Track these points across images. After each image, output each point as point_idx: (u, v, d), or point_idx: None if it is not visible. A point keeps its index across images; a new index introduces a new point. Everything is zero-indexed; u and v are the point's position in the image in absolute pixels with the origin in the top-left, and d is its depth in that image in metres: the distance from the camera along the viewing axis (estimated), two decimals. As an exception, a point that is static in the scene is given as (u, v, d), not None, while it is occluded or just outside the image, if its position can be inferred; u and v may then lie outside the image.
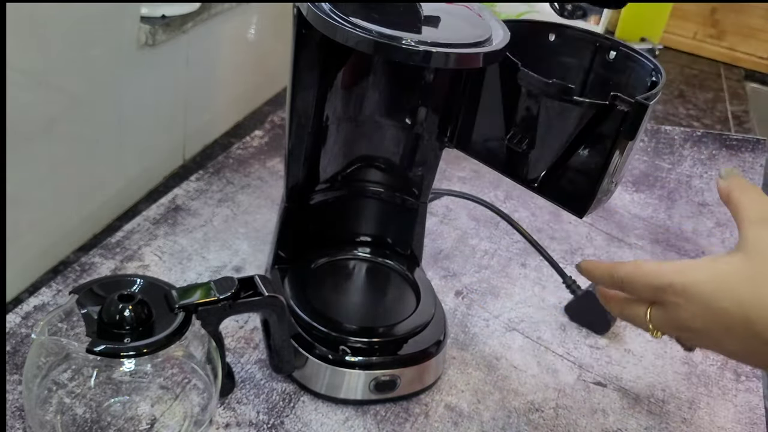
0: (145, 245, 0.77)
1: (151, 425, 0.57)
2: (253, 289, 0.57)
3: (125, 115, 0.78)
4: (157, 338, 0.51)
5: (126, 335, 0.51)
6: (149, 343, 0.51)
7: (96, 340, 0.50)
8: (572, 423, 0.66)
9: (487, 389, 0.68)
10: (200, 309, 0.54)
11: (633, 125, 0.51)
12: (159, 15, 0.78)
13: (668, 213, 1.02)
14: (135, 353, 0.50)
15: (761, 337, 0.42)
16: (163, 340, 0.51)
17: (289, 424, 0.61)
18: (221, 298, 0.55)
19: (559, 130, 0.55)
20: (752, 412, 0.70)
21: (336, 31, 0.50)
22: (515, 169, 0.60)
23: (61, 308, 0.53)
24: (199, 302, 0.54)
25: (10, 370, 0.60)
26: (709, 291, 0.43)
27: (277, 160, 0.97)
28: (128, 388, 0.59)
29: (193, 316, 0.54)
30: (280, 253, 0.70)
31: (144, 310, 0.52)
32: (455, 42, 0.51)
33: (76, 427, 0.56)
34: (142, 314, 0.52)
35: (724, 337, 0.44)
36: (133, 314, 0.51)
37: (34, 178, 0.67)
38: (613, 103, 0.51)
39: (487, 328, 0.75)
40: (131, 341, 0.51)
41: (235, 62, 0.99)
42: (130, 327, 0.51)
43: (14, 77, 0.59)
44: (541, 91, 0.54)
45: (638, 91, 0.54)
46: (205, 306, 0.54)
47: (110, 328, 0.51)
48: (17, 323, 0.65)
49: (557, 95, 0.53)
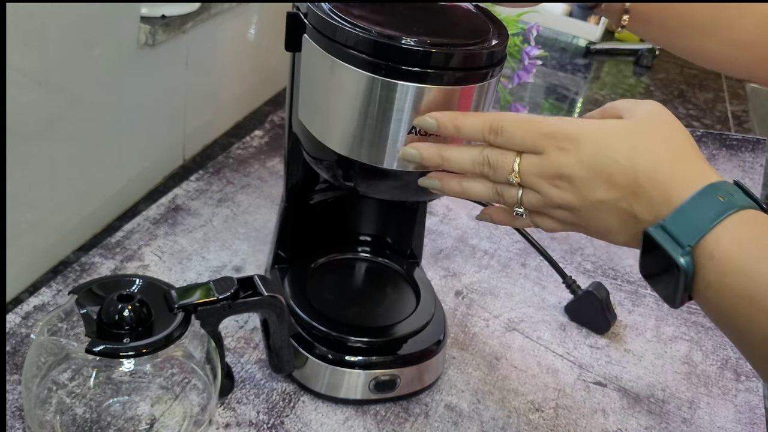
0: (145, 245, 0.77)
1: (150, 425, 0.57)
2: (252, 289, 0.57)
3: (125, 115, 0.78)
4: (156, 338, 0.51)
5: (125, 335, 0.51)
6: (148, 344, 0.51)
7: (95, 340, 0.50)
8: (572, 423, 0.66)
9: (487, 389, 0.68)
10: (199, 309, 0.54)
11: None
12: (159, 15, 0.78)
13: (668, 213, 1.02)
14: (134, 353, 0.50)
15: (643, 191, 0.43)
16: (162, 341, 0.51)
17: (289, 424, 0.61)
18: (220, 298, 0.55)
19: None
20: (752, 412, 0.70)
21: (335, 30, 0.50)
22: None
23: (61, 308, 0.53)
24: (199, 302, 0.54)
25: (10, 370, 0.60)
26: (601, 139, 0.45)
27: (277, 160, 0.97)
28: (128, 388, 0.59)
29: (192, 316, 0.54)
30: (279, 252, 0.70)
31: (143, 310, 0.52)
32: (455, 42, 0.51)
33: (75, 427, 0.56)
34: (142, 314, 0.52)
35: (600, 190, 0.45)
36: (132, 314, 0.51)
37: (34, 178, 0.67)
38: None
39: (487, 328, 0.75)
40: (130, 341, 0.51)
41: (235, 62, 0.99)
42: (130, 327, 0.51)
43: (14, 77, 0.59)
44: None
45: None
46: (204, 306, 0.54)
47: (110, 328, 0.51)
48: (17, 323, 0.65)
49: None
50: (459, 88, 0.50)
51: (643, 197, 0.44)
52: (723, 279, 0.41)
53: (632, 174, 0.44)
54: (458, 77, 0.50)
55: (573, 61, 1.56)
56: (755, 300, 0.40)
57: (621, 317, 0.80)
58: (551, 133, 0.46)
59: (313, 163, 0.58)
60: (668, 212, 0.43)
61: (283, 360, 0.62)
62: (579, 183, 0.45)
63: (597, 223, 0.46)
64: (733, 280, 0.41)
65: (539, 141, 0.46)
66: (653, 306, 0.83)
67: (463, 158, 0.49)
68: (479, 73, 0.51)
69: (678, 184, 0.43)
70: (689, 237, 0.42)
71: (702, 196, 0.42)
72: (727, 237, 0.41)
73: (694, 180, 0.43)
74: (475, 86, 0.51)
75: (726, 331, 0.44)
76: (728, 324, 0.43)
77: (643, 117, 0.47)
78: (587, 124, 0.46)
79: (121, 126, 0.78)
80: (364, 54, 0.49)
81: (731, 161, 1.18)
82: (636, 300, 0.83)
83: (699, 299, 0.44)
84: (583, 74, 1.52)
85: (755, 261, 0.41)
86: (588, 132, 0.46)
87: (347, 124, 0.52)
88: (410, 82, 0.49)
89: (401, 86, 0.49)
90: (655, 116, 0.47)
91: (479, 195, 0.50)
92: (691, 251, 0.41)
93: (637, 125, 0.46)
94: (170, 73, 0.84)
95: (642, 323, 0.80)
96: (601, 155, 0.45)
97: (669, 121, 0.47)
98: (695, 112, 1.41)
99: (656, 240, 0.42)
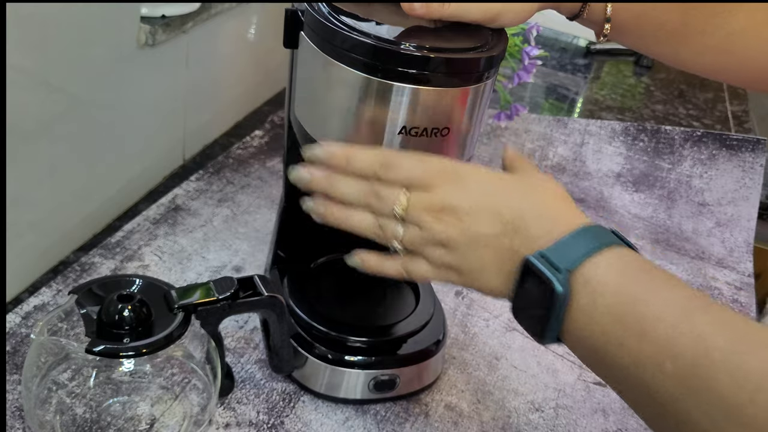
0: (145, 245, 0.77)
1: (150, 425, 0.57)
2: (252, 289, 0.57)
3: (125, 115, 0.78)
4: (156, 338, 0.51)
5: (125, 335, 0.51)
6: (149, 344, 0.51)
7: (95, 340, 0.50)
8: (572, 423, 0.66)
9: (487, 389, 0.68)
10: (200, 309, 0.54)
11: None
12: (159, 15, 0.78)
13: (668, 213, 1.02)
14: (134, 353, 0.50)
15: (526, 227, 0.46)
16: (163, 341, 0.51)
17: (289, 424, 0.61)
18: (221, 298, 0.55)
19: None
20: (752, 412, 0.70)
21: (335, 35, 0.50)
22: None
23: (61, 308, 0.53)
24: (199, 302, 0.54)
25: (10, 370, 0.60)
26: (492, 181, 0.48)
27: (277, 160, 0.97)
28: (128, 388, 0.59)
29: (192, 316, 0.54)
30: (279, 253, 0.70)
31: (143, 310, 0.52)
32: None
33: (75, 427, 0.56)
34: (142, 314, 0.52)
35: (484, 223, 0.46)
36: (132, 314, 0.51)
37: (34, 178, 0.67)
38: None
39: (487, 328, 0.75)
40: (130, 341, 0.51)
41: (235, 62, 0.99)
42: (130, 327, 0.51)
43: (14, 77, 0.59)
44: None
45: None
46: (204, 306, 0.54)
47: (110, 328, 0.51)
48: (17, 323, 0.65)
49: None
50: (454, 90, 0.51)
51: (525, 233, 0.46)
52: (596, 301, 0.42)
53: (519, 211, 0.46)
54: (453, 79, 0.50)
55: (573, 61, 1.56)
56: (624, 321, 0.41)
57: (621, 317, 0.80)
58: (443, 169, 0.48)
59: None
60: (549, 244, 0.44)
61: (283, 360, 0.62)
62: (464, 215, 0.46)
63: (473, 261, 0.47)
64: (606, 301, 0.42)
65: (429, 177, 0.48)
66: (653, 306, 0.83)
67: (351, 188, 0.50)
68: (474, 74, 0.51)
69: (561, 223, 0.46)
70: (568, 263, 0.43)
71: (582, 232, 0.45)
72: (603, 265, 0.43)
73: (575, 222, 0.46)
74: (470, 88, 0.51)
75: (595, 365, 0.45)
76: (597, 354, 0.43)
77: (532, 175, 0.50)
78: (480, 168, 0.49)
79: (121, 126, 0.78)
80: (359, 55, 0.49)
81: (731, 161, 1.18)
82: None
83: (569, 334, 0.44)
84: (583, 74, 1.52)
85: (627, 284, 0.42)
86: (479, 173, 0.48)
87: (341, 123, 0.53)
88: (406, 84, 0.49)
89: (396, 87, 0.50)
90: (542, 175, 0.50)
91: (359, 226, 0.50)
92: (568, 277, 0.43)
93: (528, 178, 0.50)
94: (170, 73, 0.84)
95: (642, 323, 0.80)
96: (492, 192, 0.47)
97: (554, 181, 0.50)
98: (695, 112, 1.41)
99: (536, 265, 0.44)
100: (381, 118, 0.51)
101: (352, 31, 0.49)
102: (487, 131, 1.15)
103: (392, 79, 0.49)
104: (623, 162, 1.14)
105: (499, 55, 0.53)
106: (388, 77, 0.49)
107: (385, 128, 0.51)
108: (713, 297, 0.86)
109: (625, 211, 1.01)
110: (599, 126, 1.23)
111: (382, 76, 0.49)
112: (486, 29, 0.54)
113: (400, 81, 0.49)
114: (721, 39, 0.63)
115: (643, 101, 1.43)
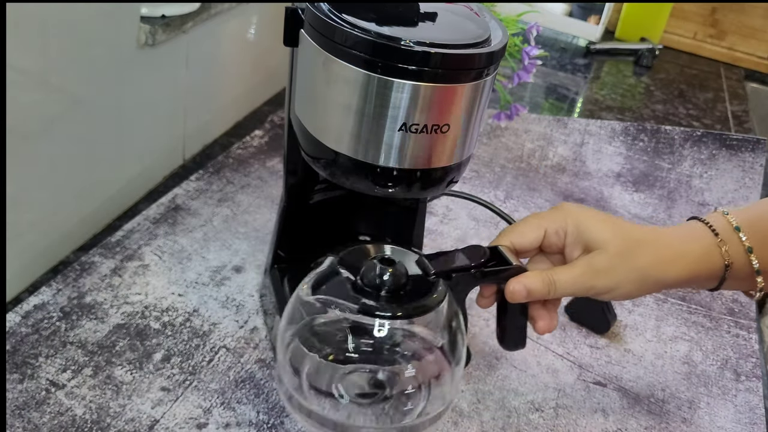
0: (145, 245, 0.77)
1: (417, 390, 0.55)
2: (497, 260, 0.55)
3: (125, 115, 0.78)
4: (425, 301, 0.50)
5: (382, 299, 0.50)
6: (422, 305, 0.50)
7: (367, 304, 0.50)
8: (572, 423, 0.66)
9: (487, 389, 0.68)
10: (454, 276, 0.53)
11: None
12: (159, 15, 0.78)
13: (668, 213, 1.02)
14: (414, 313, 0.50)
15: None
16: (434, 301, 0.51)
17: (289, 424, 0.61)
18: (474, 265, 0.53)
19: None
20: (752, 412, 0.70)
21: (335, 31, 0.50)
22: None
23: (316, 272, 0.53)
24: (455, 268, 0.53)
25: (9, 370, 0.60)
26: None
27: (277, 160, 0.97)
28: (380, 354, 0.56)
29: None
30: (279, 252, 0.70)
31: (403, 275, 0.51)
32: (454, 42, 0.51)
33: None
34: (401, 278, 0.51)
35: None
36: (392, 278, 0.51)
37: (34, 178, 0.67)
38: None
39: (487, 328, 0.75)
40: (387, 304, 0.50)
41: (235, 62, 0.99)
42: (388, 290, 0.50)
43: (14, 77, 0.59)
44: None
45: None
46: (458, 273, 0.53)
47: (369, 291, 0.50)
48: (17, 323, 0.65)
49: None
50: (454, 86, 0.51)
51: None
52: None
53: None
54: (454, 75, 0.50)
55: (573, 61, 1.56)
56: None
57: (621, 317, 0.80)
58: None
59: (309, 161, 0.59)
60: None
61: (514, 337, 0.60)
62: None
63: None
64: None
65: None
66: (653, 306, 0.83)
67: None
68: (475, 71, 0.51)
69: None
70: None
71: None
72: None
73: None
74: (471, 84, 0.51)
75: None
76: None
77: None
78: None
79: (121, 126, 0.78)
80: (359, 52, 0.49)
81: (731, 161, 1.18)
82: (636, 300, 0.83)
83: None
84: (583, 74, 1.52)
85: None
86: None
87: (342, 120, 0.53)
88: (406, 80, 0.49)
89: (397, 84, 0.50)
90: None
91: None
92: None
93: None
94: (170, 73, 0.84)
95: (642, 323, 0.80)
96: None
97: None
98: (695, 112, 1.41)
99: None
100: (381, 114, 0.51)
101: (353, 28, 0.50)
102: (487, 131, 1.15)
103: (392, 75, 0.49)
104: (623, 162, 1.14)
105: (500, 51, 0.53)
106: (388, 74, 0.49)
107: (386, 125, 0.51)
108: (713, 296, 0.86)
109: (625, 211, 1.01)
110: (599, 126, 1.23)
111: (382, 72, 0.49)
112: (486, 30, 0.54)
113: (400, 77, 0.49)
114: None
115: (643, 101, 1.43)
